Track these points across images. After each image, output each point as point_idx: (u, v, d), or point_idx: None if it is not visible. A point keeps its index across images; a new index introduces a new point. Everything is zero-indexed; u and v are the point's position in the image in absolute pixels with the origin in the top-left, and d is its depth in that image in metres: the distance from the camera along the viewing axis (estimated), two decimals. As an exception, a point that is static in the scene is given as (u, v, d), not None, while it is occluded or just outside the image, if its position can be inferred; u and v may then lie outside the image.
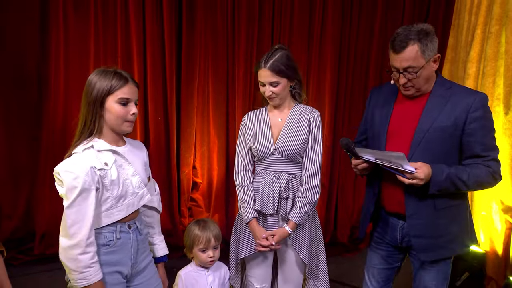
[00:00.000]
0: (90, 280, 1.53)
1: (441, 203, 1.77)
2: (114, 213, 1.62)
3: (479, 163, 1.72)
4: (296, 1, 3.99)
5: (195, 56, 3.97)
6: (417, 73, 1.70)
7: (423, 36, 1.68)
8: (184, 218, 4.08)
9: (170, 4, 3.79)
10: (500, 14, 3.24)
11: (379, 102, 1.96)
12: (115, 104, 1.59)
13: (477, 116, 1.69)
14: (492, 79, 3.30)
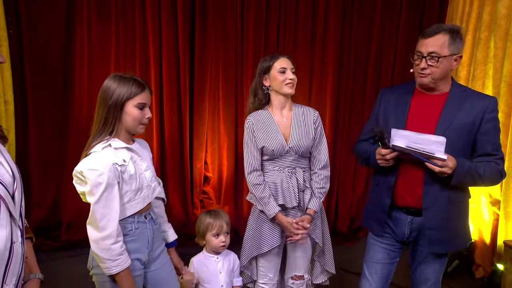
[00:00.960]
0: (123, 266, 1.55)
1: (455, 196, 1.75)
2: (133, 205, 1.64)
3: (490, 161, 1.71)
4: (300, 7, 3.99)
5: (206, 60, 3.99)
6: (438, 60, 1.66)
7: (454, 32, 1.68)
8: (197, 209, 4.09)
9: (184, 12, 3.81)
10: (489, 21, 3.25)
11: (391, 101, 1.90)
12: (134, 109, 1.61)
13: (492, 117, 1.70)
14: (482, 81, 3.31)
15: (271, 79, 2.05)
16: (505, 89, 3.03)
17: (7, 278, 1.12)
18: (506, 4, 3.05)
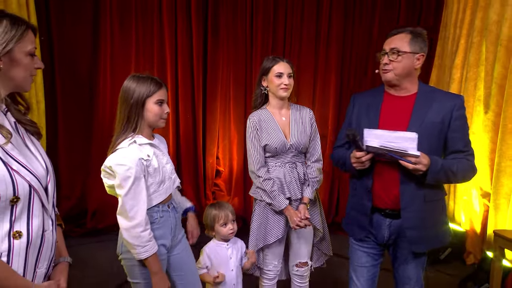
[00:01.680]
0: (151, 251, 1.57)
1: (429, 196, 1.67)
2: (157, 196, 1.65)
3: (461, 158, 1.65)
4: (306, 11, 4.00)
5: (218, 62, 4.04)
6: (399, 55, 1.62)
7: (416, 33, 1.65)
8: (209, 200, 4.14)
9: (197, 18, 3.88)
10: (480, 27, 3.25)
11: (363, 105, 1.82)
12: (154, 105, 1.62)
13: (460, 114, 1.65)
14: (474, 83, 3.31)
15: (269, 81, 2.06)
16: (496, 90, 3.03)
17: (39, 262, 1.13)
18: (497, 11, 3.04)
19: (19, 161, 1.07)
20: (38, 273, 1.13)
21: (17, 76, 1.09)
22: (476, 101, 3.28)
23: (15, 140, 1.11)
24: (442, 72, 3.85)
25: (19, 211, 1.06)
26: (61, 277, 1.23)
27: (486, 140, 3.15)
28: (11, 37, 1.04)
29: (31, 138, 1.20)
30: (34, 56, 1.12)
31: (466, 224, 3.42)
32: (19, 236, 1.06)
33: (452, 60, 3.59)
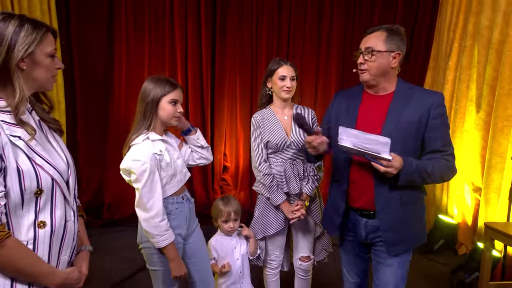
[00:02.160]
0: (169, 240, 1.59)
1: (407, 197, 1.54)
2: (169, 188, 1.66)
3: (439, 157, 1.52)
4: (308, 14, 4.00)
5: (225, 65, 4.06)
6: (373, 54, 1.50)
7: (392, 30, 1.53)
8: (217, 194, 4.17)
9: (206, 23, 3.90)
10: (473, 31, 3.26)
11: (343, 104, 1.70)
12: (167, 104, 1.63)
13: (439, 113, 1.51)
14: (467, 84, 3.32)
15: (273, 83, 2.07)
16: (487, 91, 3.03)
17: (63, 250, 1.14)
18: (488, 17, 3.05)
19: (42, 156, 1.08)
20: (61, 260, 1.14)
21: (39, 76, 1.09)
22: (468, 101, 3.29)
23: (38, 137, 1.12)
24: (437, 74, 3.86)
25: (43, 203, 1.07)
26: (82, 264, 1.25)
27: (478, 138, 3.16)
28: (32, 40, 1.04)
29: (54, 135, 1.21)
30: (54, 57, 1.12)
31: (458, 217, 3.44)
32: (44, 225, 1.07)
33: (446, 63, 3.60)
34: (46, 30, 1.08)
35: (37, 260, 1.06)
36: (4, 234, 0.98)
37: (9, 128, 1.02)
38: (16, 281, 1.04)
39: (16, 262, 1.01)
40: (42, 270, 1.07)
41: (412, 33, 4.09)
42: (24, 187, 1.02)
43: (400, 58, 1.55)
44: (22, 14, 1.08)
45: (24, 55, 1.03)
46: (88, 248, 1.31)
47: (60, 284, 1.11)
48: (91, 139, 3.87)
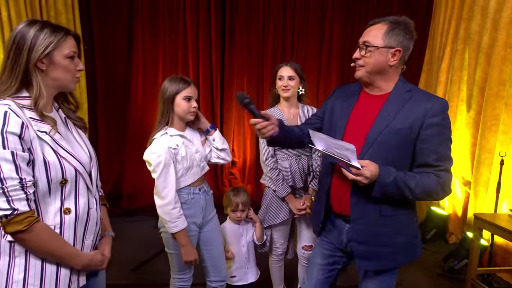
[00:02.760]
0: (180, 227, 1.61)
1: (387, 209, 1.28)
2: (185, 179, 1.67)
3: (430, 172, 1.24)
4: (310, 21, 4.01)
5: (233, 67, 4.08)
6: (367, 49, 1.26)
7: (396, 23, 1.25)
8: (225, 187, 4.20)
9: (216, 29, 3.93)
10: (464, 36, 3.25)
11: (341, 97, 1.46)
12: (182, 101, 1.63)
13: (434, 122, 1.22)
14: (458, 85, 3.32)
15: (276, 84, 2.09)
16: (477, 91, 3.03)
17: (86, 234, 1.16)
18: (478, 22, 3.04)
19: (66, 149, 1.10)
20: (85, 244, 1.16)
21: (59, 76, 1.09)
22: (459, 101, 3.29)
23: (64, 132, 1.15)
24: (430, 76, 3.86)
25: (68, 191, 1.09)
26: (105, 247, 1.26)
27: (468, 135, 3.17)
28: (49, 42, 1.04)
29: (78, 131, 1.24)
30: (74, 59, 1.12)
31: (449, 209, 3.45)
32: (69, 212, 1.10)
33: (439, 65, 3.60)
34: (65, 33, 1.09)
35: (63, 243, 1.08)
36: (33, 219, 1.01)
37: (37, 124, 1.05)
38: (46, 261, 1.07)
39: (44, 245, 1.04)
40: (68, 252, 1.09)
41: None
42: (51, 177, 1.05)
43: (401, 55, 1.26)
44: (45, 20, 1.10)
45: (41, 56, 1.04)
46: (110, 234, 1.33)
47: (85, 266, 1.14)
48: (111, 136, 3.92)
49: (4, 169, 0.96)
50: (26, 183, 0.99)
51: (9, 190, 0.97)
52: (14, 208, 0.98)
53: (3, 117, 0.97)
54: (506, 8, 2.71)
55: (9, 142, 0.96)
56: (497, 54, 2.78)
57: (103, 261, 1.22)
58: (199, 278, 1.90)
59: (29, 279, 1.04)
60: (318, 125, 1.53)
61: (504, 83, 2.74)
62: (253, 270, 2.10)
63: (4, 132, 0.96)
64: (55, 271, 1.08)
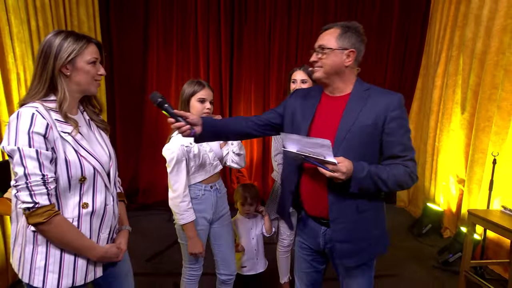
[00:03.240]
0: (187, 220, 1.61)
1: (363, 205, 1.26)
2: (197, 176, 1.67)
3: (398, 163, 1.24)
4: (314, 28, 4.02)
5: (242, 73, 4.11)
6: (324, 51, 1.26)
7: (347, 27, 1.27)
8: (234, 184, 4.24)
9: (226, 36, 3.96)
10: (458, 43, 3.26)
11: (298, 101, 1.41)
12: (196, 102, 1.64)
13: (396, 115, 1.23)
14: (453, 89, 3.33)
15: (290, 86, 2.10)
16: (471, 95, 3.02)
17: (102, 228, 1.18)
18: (472, 30, 3.04)
19: (86, 149, 1.12)
20: (101, 237, 1.18)
21: (81, 81, 1.11)
22: (454, 104, 3.29)
23: (86, 133, 1.17)
24: (426, 80, 3.87)
25: (86, 188, 1.11)
26: (122, 241, 1.27)
27: (462, 136, 3.17)
28: (72, 50, 1.07)
29: (101, 133, 1.25)
30: (95, 64, 1.14)
31: (444, 205, 3.46)
32: (86, 206, 1.11)
33: (435, 70, 3.60)
34: (87, 41, 1.11)
35: (80, 235, 1.10)
36: (53, 212, 1.03)
37: (61, 125, 1.08)
38: (65, 251, 1.09)
39: (62, 236, 1.06)
40: (84, 244, 1.11)
41: (405, 45, 4.09)
42: (71, 174, 1.07)
43: (356, 56, 1.27)
44: (70, 30, 1.14)
45: (65, 62, 1.07)
46: (127, 228, 1.34)
47: (100, 257, 1.15)
48: (128, 136, 3.96)
49: (29, 165, 0.99)
50: (47, 179, 1.02)
51: (32, 185, 0.99)
52: (36, 202, 1.00)
53: (30, 119, 1.00)
54: (498, 17, 2.71)
55: (34, 141, 0.99)
56: (489, 60, 2.78)
57: (118, 253, 1.23)
58: (210, 268, 1.91)
59: (49, 266, 1.08)
60: (276, 120, 1.46)
61: (496, 87, 2.74)
62: (262, 261, 2.13)
63: (30, 132, 0.99)
64: (73, 260, 1.11)
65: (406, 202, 4.25)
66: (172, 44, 3.91)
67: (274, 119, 1.47)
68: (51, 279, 1.07)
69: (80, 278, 1.12)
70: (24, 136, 0.99)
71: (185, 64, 3.98)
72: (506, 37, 2.65)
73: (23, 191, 1.00)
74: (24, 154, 0.99)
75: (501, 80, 2.65)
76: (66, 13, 2.98)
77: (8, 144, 0.99)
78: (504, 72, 2.61)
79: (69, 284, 1.10)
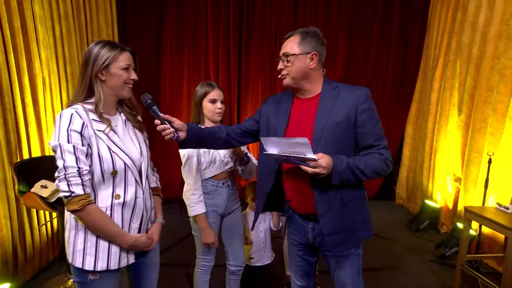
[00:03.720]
0: (197, 212, 1.63)
1: (347, 196, 1.27)
2: (208, 172, 1.67)
3: (373, 152, 1.25)
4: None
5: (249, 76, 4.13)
6: (288, 59, 1.27)
7: (306, 32, 1.28)
8: (242, 180, 4.24)
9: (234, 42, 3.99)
10: (456, 48, 3.24)
11: (271, 107, 1.41)
12: (208, 103, 1.65)
13: (365, 108, 1.24)
14: (450, 92, 3.31)
15: None
16: (467, 97, 3.01)
17: (133, 219, 1.21)
18: (469, 36, 3.03)
19: (119, 146, 1.17)
20: (132, 227, 1.21)
21: (114, 85, 1.17)
22: (451, 106, 3.28)
23: (122, 132, 1.22)
24: (425, 83, 3.86)
25: (118, 181, 1.16)
26: (154, 231, 1.31)
27: (459, 136, 3.16)
28: (107, 57, 1.14)
29: (135, 132, 1.30)
30: (128, 70, 1.18)
31: (441, 202, 3.44)
32: (118, 197, 1.16)
33: (433, 74, 3.59)
34: (121, 50, 1.17)
35: (111, 223, 1.15)
36: (86, 201, 1.09)
37: (96, 124, 1.14)
38: (100, 238, 1.15)
39: (94, 223, 1.12)
40: (114, 231, 1.15)
41: (405, 51, 4.08)
42: (103, 168, 1.13)
43: (318, 58, 1.28)
44: (109, 40, 1.20)
45: (101, 68, 1.14)
46: (160, 220, 1.36)
47: (130, 245, 1.19)
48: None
49: (67, 159, 1.06)
50: (82, 171, 1.08)
51: (69, 176, 1.06)
52: (72, 191, 1.07)
53: (69, 118, 1.08)
54: (494, 24, 2.70)
55: (72, 138, 1.07)
56: (485, 64, 2.77)
57: (149, 243, 1.26)
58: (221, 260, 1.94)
59: (87, 250, 1.14)
60: (254, 127, 1.47)
61: (492, 90, 2.73)
62: (269, 254, 2.15)
63: (69, 129, 1.07)
64: (107, 246, 1.16)
65: (405, 199, 4.24)
66: (184, 48, 3.95)
67: (252, 126, 1.47)
68: (88, 261, 1.14)
69: (114, 262, 1.17)
70: (64, 133, 1.07)
71: (196, 67, 4.02)
72: (501, 43, 2.64)
73: (62, 181, 1.07)
74: (63, 149, 1.06)
75: (496, 84, 2.64)
76: (87, 20, 3.03)
77: (53, 140, 1.08)
78: (499, 76, 2.61)
79: (104, 267, 1.15)
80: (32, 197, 1.97)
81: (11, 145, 2.13)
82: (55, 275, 2.35)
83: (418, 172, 3.97)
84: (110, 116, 1.21)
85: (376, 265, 2.63)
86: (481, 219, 2.13)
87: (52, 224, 2.53)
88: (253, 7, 3.98)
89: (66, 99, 2.67)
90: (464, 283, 2.32)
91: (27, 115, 2.27)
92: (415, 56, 4.05)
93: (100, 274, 1.16)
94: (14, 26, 2.14)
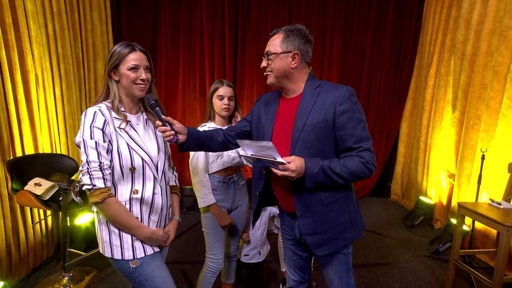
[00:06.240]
0: (208, 202, 1.66)
1: (327, 197, 1.23)
2: (215, 166, 1.70)
3: (353, 155, 1.19)
4: (313, 31, 4.02)
5: (245, 73, 4.12)
6: (269, 57, 1.25)
7: (290, 30, 1.25)
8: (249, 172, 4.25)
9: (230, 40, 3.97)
10: (450, 45, 3.26)
11: (264, 104, 1.40)
12: (216, 99, 1.70)
13: (344, 109, 1.17)
14: (444, 89, 3.33)
15: None
16: (461, 94, 3.03)
17: (152, 213, 1.25)
18: (463, 33, 3.04)
19: (138, 143, 1.21)
20: (151, 219, 1.25)
21: (125, 84, 1.20)
22: (445, 103, 3.30)
23: (142, 130, 1.25)
24: (420, 80, 3.87)
25: (136, 176, 1.20)
26: (170, 228, 1.35)
27: (453, 133, 3.18)
28: (117, 57, 1.18)
29: (155, 130, 1.31)
30: (136, 70, 1.19)
31: (435, 198, 3.47)
32: (136, 192, 1.20)
33: (428, 71, 3.61)
34: (131, 49, 1.20)
35: (130, 215, 1.19)
36: (106, 194, 1.14)
37: (118, 122, 1.19)
38: (122, 231, 1.20)
39: (114, 215, 1.16)
40: (132, 223, 1.19)
41: (400, 48, 4.09)
42: (122, 164, 1.17)
43: (302, 57, 1.25)
44: (128, 42, 1.22)
45: (111, 67, 1.20)
46: (177, 218, 1.40)
47: (147, 238, 1.22)
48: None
49: (90, 154, 1.12)
50: (103, 166, 1.13)
51: (91, 170, 1.11)
52: (93, 184, 1.12)
53: (92, 115, 1.14)
54: (487, 21, 2.71)
55: (94, 134, 1.12)
56: (479, 62, 2.78)
57: (165, 238, 1.30)
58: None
59: (113, 241, 1.21)
60: (247, 128, 1.46)
61: (485, 87, 2.75)
62: (264, 251, 2.15)
63: (92, 126, 1.13)
64: (130, 238, 1.21)
65: (400, 195, 4.26)
66: (179, 46, 3.92)
67: (245, 127, 1.47)
68: (116, 251, 1.20)
69: (139, 252, 1.22)
70: (87, 129, 1.12)
71: (191, 65, 3.99)
72: (495, 40, 2.65)
73: (85, 175, 1.12)
74: (87, 144, 1.12)
75: (490, 81, 2.65)
76: (81, 17, 3.00)
77: (78, 136, 1.14)
78: (493, 73, 2.62)
79: (131, 256, 1.21)
80: (25, 195, 1.95)
81: (4, 142, 2.11)
82: (49, 274, 2.34)
83: (413, 168, 3.99)
84: (132, 115, 1.26)
85: (371, 261, 2.65)
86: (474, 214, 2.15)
87: (47, 222, 2.51)
88: (249, 5, 3.96)
89: (59, 97, 2.65)
90: (457, 277, 2.35)
91: (19, 112, 2.24)
92: (409, 54, 4.05)
93: (140, 260, 1.21)
94: (5, 22, 2.11)
